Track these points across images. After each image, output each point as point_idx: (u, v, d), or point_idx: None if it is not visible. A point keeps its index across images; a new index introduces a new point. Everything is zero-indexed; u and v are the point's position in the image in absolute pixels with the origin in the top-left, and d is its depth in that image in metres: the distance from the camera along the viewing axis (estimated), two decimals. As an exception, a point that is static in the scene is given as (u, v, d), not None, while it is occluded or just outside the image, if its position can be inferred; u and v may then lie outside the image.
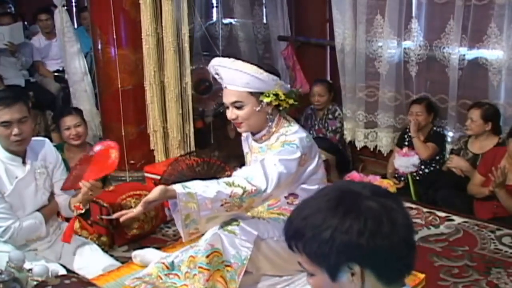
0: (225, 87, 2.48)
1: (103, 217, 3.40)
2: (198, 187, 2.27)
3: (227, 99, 2.48)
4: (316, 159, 2.52)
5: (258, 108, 2.44)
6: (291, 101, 2.46)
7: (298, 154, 2.38)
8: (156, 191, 2.27)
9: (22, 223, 2.74)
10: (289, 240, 1.31)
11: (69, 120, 4.06)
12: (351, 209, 1.26)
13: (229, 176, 2.51)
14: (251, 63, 2.44)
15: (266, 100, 2.42)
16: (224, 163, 2.90)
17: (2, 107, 2.66)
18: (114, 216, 2.46)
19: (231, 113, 2.48)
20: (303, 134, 2.46)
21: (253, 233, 2.40)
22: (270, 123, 2.50)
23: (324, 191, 1.35)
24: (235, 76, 2.41)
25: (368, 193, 1.29)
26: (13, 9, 7.37)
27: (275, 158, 2.36)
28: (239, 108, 2.46)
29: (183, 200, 2.24)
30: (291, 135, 2.45)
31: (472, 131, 4.15)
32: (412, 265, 1.33)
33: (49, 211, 2.90)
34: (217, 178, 2.40)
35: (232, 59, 2.43)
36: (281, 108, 2.50)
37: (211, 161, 2.88)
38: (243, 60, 2.44)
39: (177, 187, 2.27)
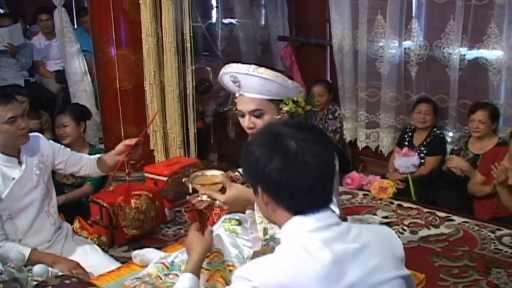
0: (242, 95, 2.29)
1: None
2: None
3: (245, 107, 2.27)
4: None
5: (279, 117, 2.26)
6: (308, 107, 2.36)
7: None
8: None
9: (5, 247, 2.65)
10: (239, 163, 1.57)
11: (59, 119, 4.10)
12: (268, 144, 1.46)
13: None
14: (274, 69, 2.27)
15: (285, 108, 2.26)
16: (224, 169, 2.87)
17: (3, 105, 2.67)
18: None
19: (248, 122, 2.27)
20: None
21: (255, 232, 2.39)
22: None
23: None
24: (257, 83, 2.23)
25: (290, 130, 1.47)
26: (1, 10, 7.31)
27: None
28: (258, 116, 2.26)
29: None
30: None
31: (481, 132, 4.14)
32: (326, 196, 1.48)
33: (39, 255, 2.74)
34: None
35: (253, 66, 2.26)
36: (295, 115, 2.33)
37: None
38: (266, 67, 2.26)
39: None
